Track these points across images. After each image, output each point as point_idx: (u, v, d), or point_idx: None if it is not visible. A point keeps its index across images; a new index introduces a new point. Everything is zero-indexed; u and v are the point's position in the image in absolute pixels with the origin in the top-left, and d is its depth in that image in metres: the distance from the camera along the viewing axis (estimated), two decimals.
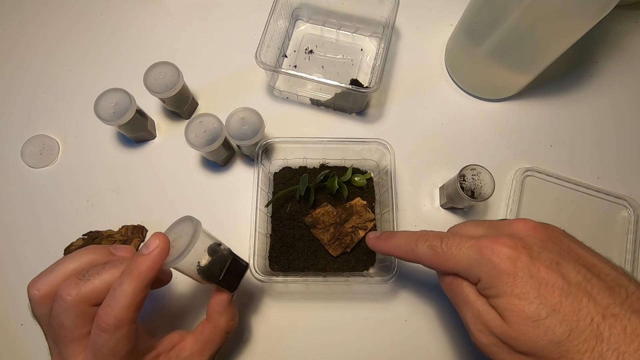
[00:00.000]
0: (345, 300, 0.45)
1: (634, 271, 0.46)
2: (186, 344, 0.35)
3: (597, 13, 0.37)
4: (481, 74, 0.51)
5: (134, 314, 0.29)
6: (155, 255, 0.29)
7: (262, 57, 0.47)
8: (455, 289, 0.31)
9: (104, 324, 0.28)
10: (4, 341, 0.44)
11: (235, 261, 0.35)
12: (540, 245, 0.28)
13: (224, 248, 0.35)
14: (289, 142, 0.45)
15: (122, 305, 0.28)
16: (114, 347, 0.28)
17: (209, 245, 0.34)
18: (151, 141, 0.51)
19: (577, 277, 0.26)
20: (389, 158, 0.44)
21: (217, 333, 0.35)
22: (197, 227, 0.32)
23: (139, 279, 0.28)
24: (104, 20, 0.57)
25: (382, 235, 0.37)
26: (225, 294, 0.35)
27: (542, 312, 0.25)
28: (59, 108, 0.53)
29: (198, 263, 0.33)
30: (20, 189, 0.49)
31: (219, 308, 0.35)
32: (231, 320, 0.36)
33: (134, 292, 0.28)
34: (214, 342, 0.35)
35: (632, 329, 0.24)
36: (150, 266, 0.29)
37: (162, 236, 0.30)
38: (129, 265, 0.29)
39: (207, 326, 0.35)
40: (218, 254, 0.34)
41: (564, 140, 0.52)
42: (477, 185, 0.43)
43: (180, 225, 0.33)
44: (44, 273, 0.31)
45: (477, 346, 0.29)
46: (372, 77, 0.53)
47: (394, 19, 0.49)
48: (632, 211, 0.48)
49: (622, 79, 0.55)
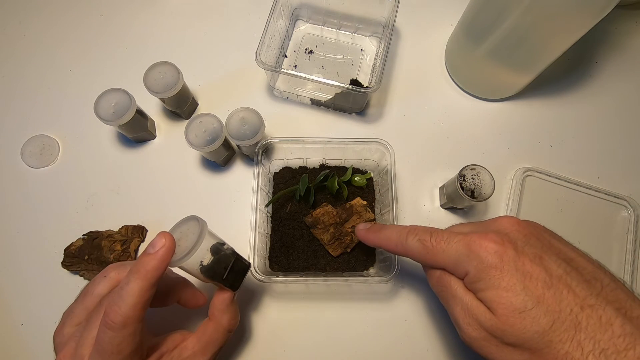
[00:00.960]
0: (345, 300, 0.45)
1: (634, 271, 0.46)
2: (188, 343, 0.35)
3: (597, 13, 0.37)
4: (481, 74, 0.51)
5: (141, 313, 0.29)
6: (162, 254, 0.29)
7: (262, 57, 0.47)
8: (443, 284, 0.31)
9: (111, 322, 0.28)
10: (4, 341, 0.44)
11: (238, 260, 0.35)
12: (523, 240, 0.29)
13: (227, 247, 0.35)
14: (289, 142, 0.45)
15: (129, 303, 0.28)
16: (119, 345, 0.29)
17: (212, 244, 0.34)
18: (151, 141, 0.51)
19: (558, 270, 0.27)
20: (389, 158, 0.44)
21: (219, 332, 0.35)
22: (204, 227, 0.32)
23: (146, 277, 0.29)
24: (104, 20, 0.57)
25: (372, 227, 0.38)
26: (228, 293, 0.35)
27: (528, 303, 0.26)
28: (59, 108, 0.53)
29: (201, 262, 0.33)
30: (20, 189, 0.49)
31: (222, 307, 0.35)
32: (233, 319, 0.36)
33: (141, 290, 0.29)
34: (216, 340, 0.35)
35: (607, 319, 0.25)
36: (157, 265, 0.29)
37: (168, 235, 0.30)
38: (135, 265, 0.30)
39: (209, 325, 0.36)
40: (221, 253, 0.34)
41: (564, 140, 0.52)
42: (477, 185, 0.43)
43: (186, 225, 0.33)
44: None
45: (465, 341, 0.30)
46: (372, 77, 0.53)
47: (394, 19, 0.49)
48: (632, 211, 0.48)
49: (622, 79, 0.55)
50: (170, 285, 0.36)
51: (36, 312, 0.44)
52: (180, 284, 0.36)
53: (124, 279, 0.29)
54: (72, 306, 0.34)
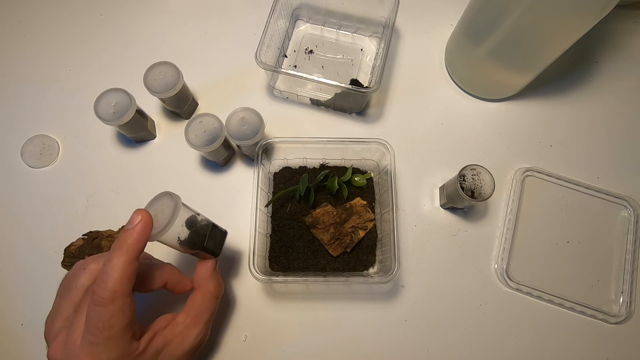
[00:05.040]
0: (345, 300, 0.45)
1: (634, 271, 0.46)
2: (179, 319, 0.36)
3: (597, 13, 0.37)
4: (481, 74, 0.51)
5: (127, 287, 0.30)
6: (140, 227, 0.31)
7: (262, 57, 0.47)
8: None
9: (99, 298, 0.29)
10: (4, 341, 0.44)
11: (215, 228, 0.37)
12: None
13: (202, 218, 0.37)
14: (289, 142, 0.45)
15: (115, 277, 0.29)
16: (109, 320, 0.29)
17: (188, 217, 0.35)
18: (151, 141, 0.51)
19: None
20: (389, 158, 0.44)
21: (207, 298, 0.37)
22: (178, 201, 0.34)
23: (128, 252, 0.30)
24: (104, 20, 0.57)
25: None
26: (211, 261, 0.37)
27: None
28: (59, 108, 0.53)
29: (178, 237, 0.34)
30: (20, 189, 0.49)
31: (206, 274, 0.37)
32: (219, 285, 0.38)
33: (124, 264, 0.30)
34: (205, 308, 0.36)
35: None
36: (137, 238, 0.30)
37: (144, 211, 0.32)
38: (116, 242, 0.31)
39: (196, 296, 0.37)
40: (198, 225, 0.36)
41: (564, 140, 0.52)
42: (477, 185, 0.43)
43: (160, 201, 0.34)
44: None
45: None
46: (372, 77, 0.53)
47: (394, 19, 0.49)
48: (632, 211, 0.48)
49: (622, 79, 0.55)
50: (155, 269, 0.36)
51: (36, 312, 0.44)
52: (167, 268, 0.37)
53: (107, 258, 0.30)
54: (57, 302, 0.34)
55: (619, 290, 0.45)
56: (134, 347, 0.31)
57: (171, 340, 0.34)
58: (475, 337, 0.44)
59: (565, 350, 0.44)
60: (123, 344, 0.30)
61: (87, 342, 0.29)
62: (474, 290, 0.46)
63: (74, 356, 0.30)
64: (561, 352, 0.44)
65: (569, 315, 0.45)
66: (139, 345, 0.32)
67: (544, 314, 0.45)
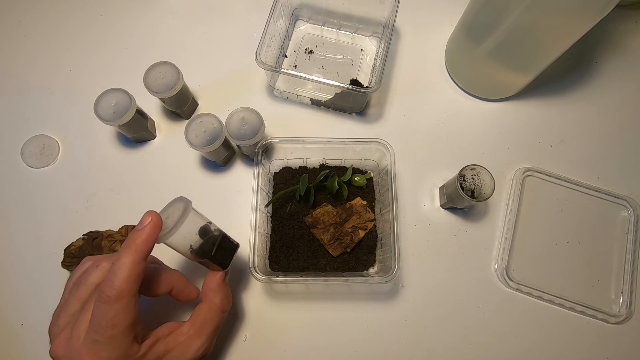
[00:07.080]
0: (345, 300, 0.45)
1: (634, 271, 0.46)
2: (183, 328, 0.36)
3: (597, 13, 0.37)
4: (481, 74, 0.51)
5: (133, 286, 0.30)
6: (149, 229, 0.31)
7: (262, 57, 0.47)
8: None
9: (105, 296, 0.29)
10: (4, 341, 0.44)
11: (225, 239, 0.37)
12: None
13: (215, 228, 0.37)
14: (289, 142, 0.45)
15: (122, 276, 0.29)
16: (113, 319, 0.29)
17: (201, 226, 0.35)
18: (151, 141, 0.51)
19: None
20: (389, 158, 0.44)
21: (213, 311, 0.36)
22: (188, 205, 0.34)
23: (136, 251, 0.30)
24: (104, 20, 0.57)
25: None
26: (219, 273, 0.37)
27: None
28: (59, 108, 0.53)
29: (191, 245, 0.34)
30: (20, 189, 0.49)
31: (214, 286, 0.37)
32: (226, 299, 0.37)
33: (132, 264, 0.30)
34: (210, 321, 0.36)
35: None
36: (145, 239, 0.31)
37: (154, 213, 0.32)
38: (125, 242, 0.31)
39: (202, 307, 0.37)
40: (209, 233, 0.36)
41: (564, 140, 0.52)
42: (477, 185, 0.43)
43: (173, 206, 0.35)
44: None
45: None
46: (372, 77, 0.53)
47: (394, 19, 0.49)
48: (632, 211, 0.48)
49: (622, 79, 0.55)
50: (162, 274, 0.36)
51: (36, 312, 0.44)
52: (174, 275, 0.37)
53: (115, 256, 0.31)
54: (65, 298, 0.34)
55: (619, 290, 0.45)
56: (135, 349, 0.31)
57: (173, 348, 0.34)
58: (475, 337, 0.44)
59: (566, 351, 0.44)
60: (125, 344, 0.30)
61: (90, 339, 0.29)
62: (474, 290, 0.46)
63: (75, 353, 0.30)
64: (561, 352, 0.44)
65: (569, 316, 0.45)
66: (140, 349, 0.32)
67: (544, 314, 0.45)
